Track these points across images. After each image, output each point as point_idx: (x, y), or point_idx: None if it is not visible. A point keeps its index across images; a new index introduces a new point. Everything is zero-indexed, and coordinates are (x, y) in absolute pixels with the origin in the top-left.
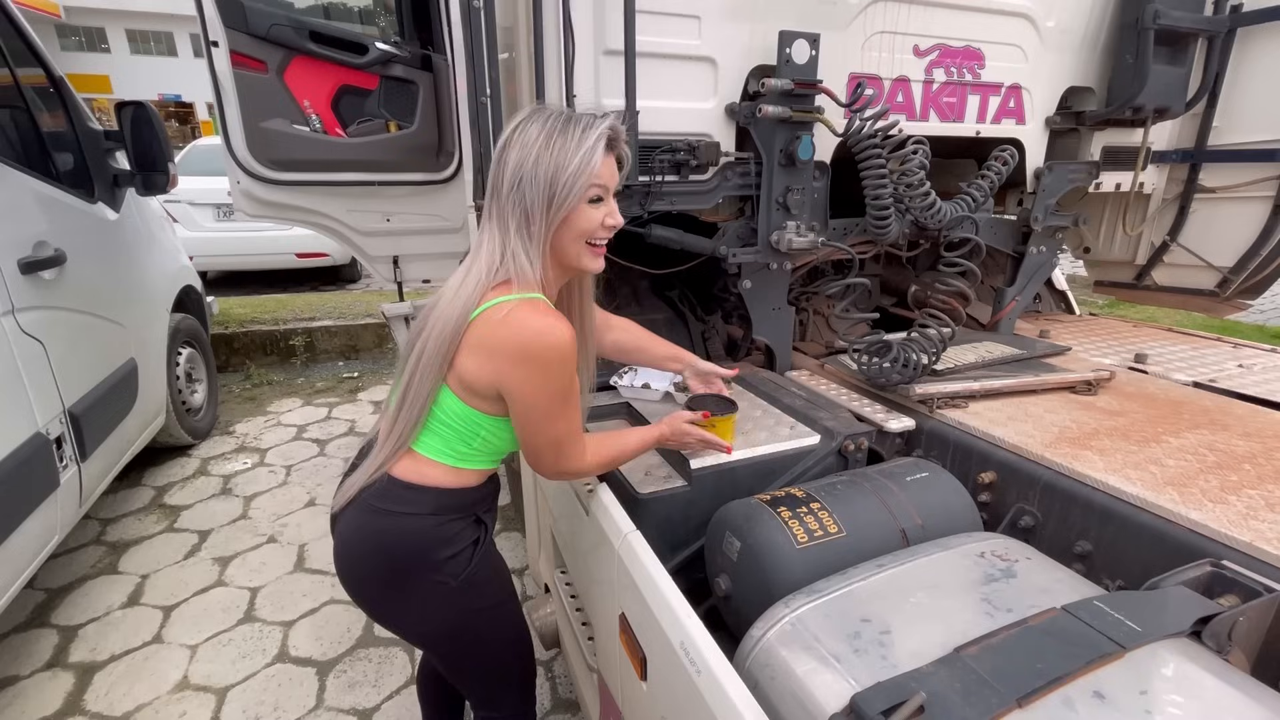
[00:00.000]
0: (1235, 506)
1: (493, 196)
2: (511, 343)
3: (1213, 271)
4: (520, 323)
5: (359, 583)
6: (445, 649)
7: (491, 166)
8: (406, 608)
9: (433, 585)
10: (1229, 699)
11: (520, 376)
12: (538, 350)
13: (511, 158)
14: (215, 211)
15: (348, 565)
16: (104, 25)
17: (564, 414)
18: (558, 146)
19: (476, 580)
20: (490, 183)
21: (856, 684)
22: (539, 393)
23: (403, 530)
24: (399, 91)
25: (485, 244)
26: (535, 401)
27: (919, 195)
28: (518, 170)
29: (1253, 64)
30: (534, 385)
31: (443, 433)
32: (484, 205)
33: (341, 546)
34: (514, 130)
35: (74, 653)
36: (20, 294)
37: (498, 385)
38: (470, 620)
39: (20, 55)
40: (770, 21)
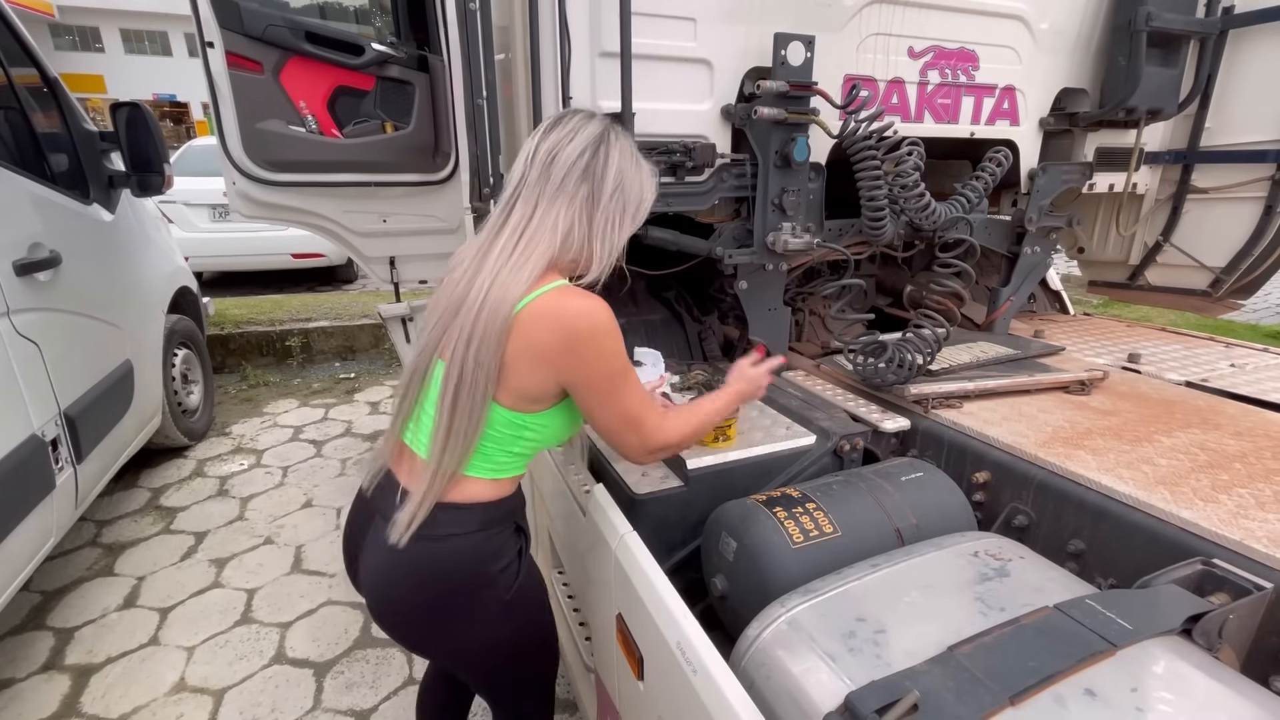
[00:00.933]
0: (1226, 505)
1: (580, 182)
2: (561, 334)
3: (1205, 272)
4: (562, 311)
5: (409, 615)
6: (496, 665)
7: (575, 153)
8: (463, 631)
9: (489, 602)
10: (1219, 696)
11: (579, 364)
12: (587, 332)
13: (614, 157)
14: (210, 212)
15: (393, 602)
16: (98, 25)
17: (628, 388)
18: (641, 169)
19: (526, 589)
20: (569, 168)
21: (851, 683)
22: (600, 374)
23: (454, 551)
24: (395, 92)
25: (555, 222)
26: (600, 384)
27: (914, 196)
28: (621, 172)
29: (1245, 65)
30: (594, 368)
31: (485, 447)
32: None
33: (384, 584)
34: (610, 131)
35: (70, 655)
36: (15, 296)
37: (558, 381)
38: (520, 631)
39: (14, 55)
40: (766, 24)
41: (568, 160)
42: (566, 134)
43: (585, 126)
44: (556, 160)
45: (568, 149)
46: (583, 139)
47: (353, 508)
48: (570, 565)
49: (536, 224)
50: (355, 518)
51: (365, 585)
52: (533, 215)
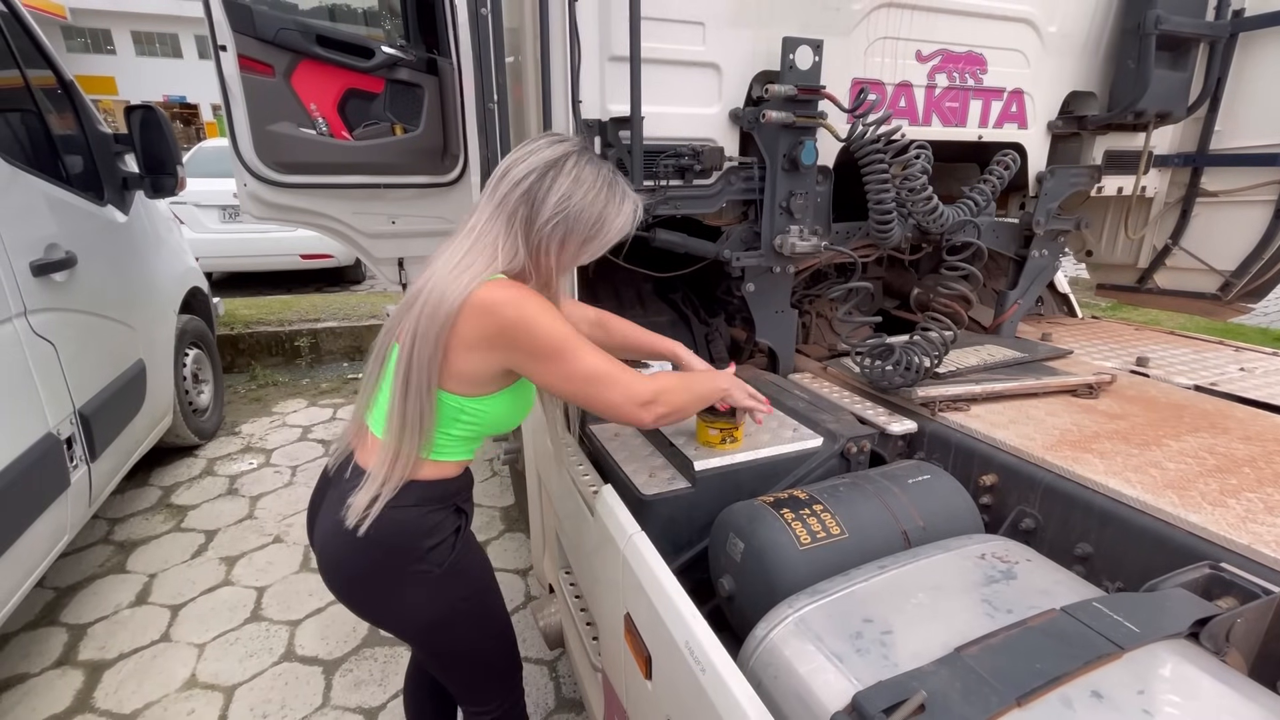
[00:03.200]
0: (1234, 509)
1: (520, 203)
2: (489, 324)
3: (1215, 275)
4: (485, 303)
5: (348, 582)
6: (434, 639)
7: (520, 174)
8: (396, 600)
9: (420, 575)
10: (1226, 699)
11: (515, 346)
12: (508, 319)
13: (563, 184)
14: (221, 213)
15: (334, 567)
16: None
17: (578, 353)
18: (607, 198)
19: (460, 567)
20: (512, 188)
21: (858, 683)
22: (541, 350)
23: (388, 523)
24: (404, 95)
25: (496, 239)
26: (543, 358)
27: (921, 199)
28: (568, 199)
29: (1254, 68)
30: (531, 347)
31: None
32: (489, 198)
33: (325, 550)
34: (569, 159)
35: (83, 651)
36: (32, 296)
37: (503, 365)
38: (457, 607)
39: (31, 58)
40: (774, 28)
41: (512, 180)
42: (524, 154)
43: (544, 150)
44: (505, 178)
45: (517, 169)
46: (533, 161)
47: (317, 483)
48: (578, 565)
49: (478, 237)
50: (317, 491)
51: (317, 549)
52: (478, 227)
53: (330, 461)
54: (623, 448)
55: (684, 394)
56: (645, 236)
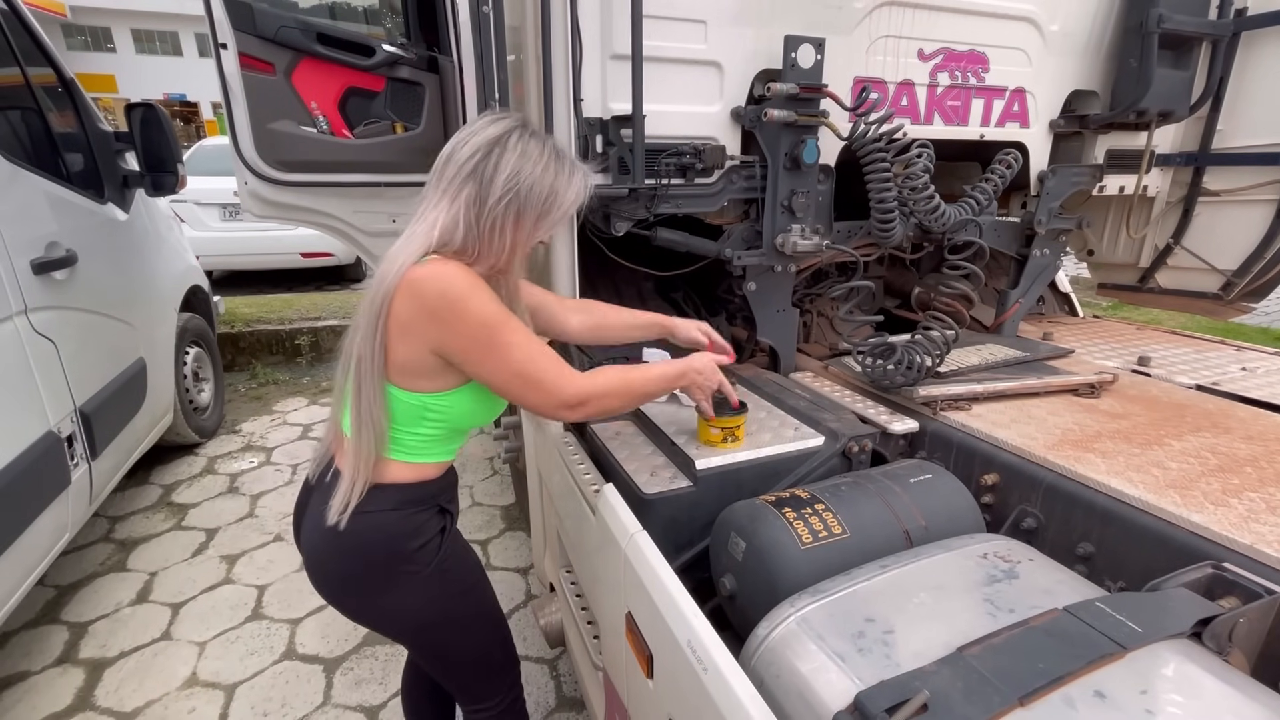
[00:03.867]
0: (1236, 509)
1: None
2: (416, 302)
3: (1216, 274)
4: (413, 280)
5: (337, 587)
6: (427, 639)
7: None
8: (386, 603)
9: (407, 576)
10: (1229, 699)
11: (442, 328)
12: (436, 294)
13: (510, 160)
14: (221, 211)
15: (322, 573)
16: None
17: (511, 340)
18: (556, 171)
19: (447, 566)
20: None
21: (861, 682)
22: (468, 333)
23: (370, 527)
24: (405, 93)
25: (435, 219)
26: (470, 343)
27: (923, 198)
28: (517, 174)
29: (1257, 67)
30: (457, 329)
31: (393, 429)
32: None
33: (312, 556)
34: (511, 134)
35: (84, 649)
36: (33, 294)
37: (434, 349)
38: (447, 606)
39: (32, 56)
40: (776, 26)
41: (457, 161)
42: (467, 134)
43: (487, 129)
44: (450, 160)
45: (461, 151)
46: (476, 141)
47: (300, 491)
48: (579, 564)
49: (418, 220)
50: (300, 499)
51: (304, 556)
52: (425, 216)
53: (311, 469)
54: (624, 446)
55: (618, 399)
56: (647, 235)
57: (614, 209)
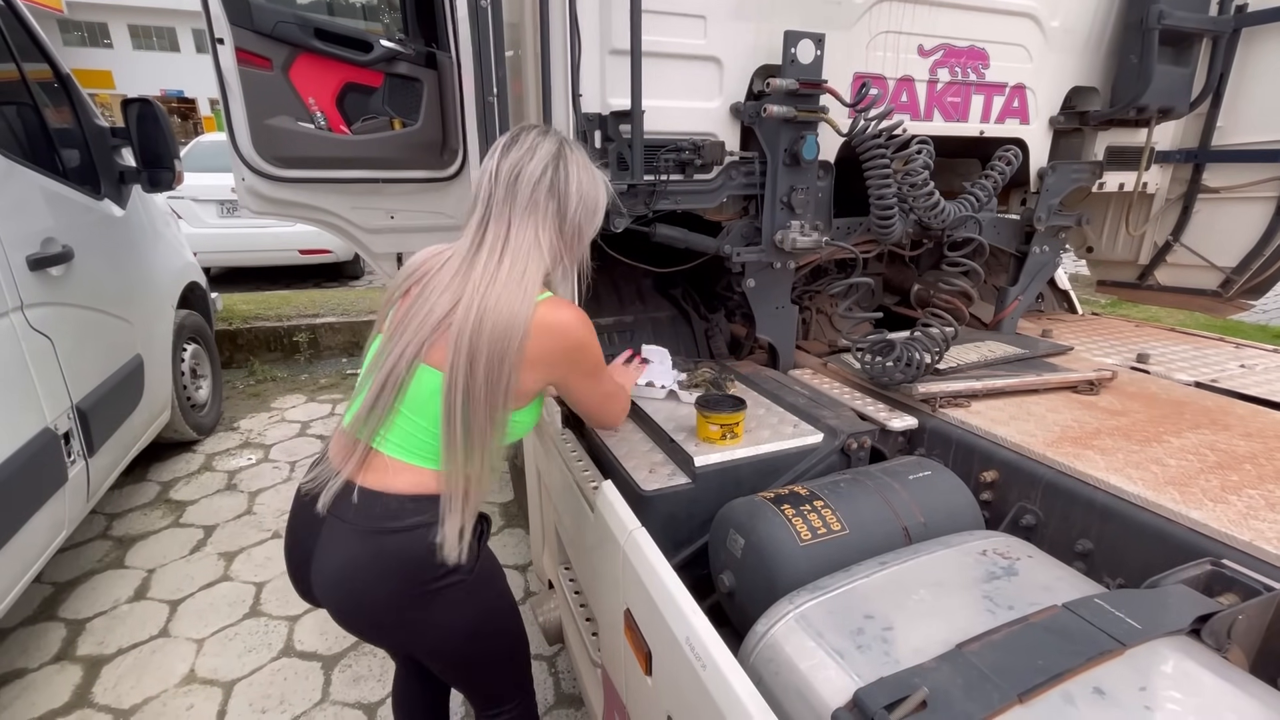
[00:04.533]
0: (1235, 506)
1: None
2: (561, 344)
3: (1216, 272)
4: (558, 324)
5: (377, 609)
6: (472, 647)
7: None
8: (430, 617)
9: (453, 586)
10: (1227, 695)
11: (573, 366)
12: (576, 340)
13: (574, 172)
14: (219, 208)
15: (359, 596)
16: (106, 20)
17: (607, 374)
18: (598, 178)
19: (485, 570)
20: (533, 187)
21: (860, 679)
22: (589, 371)
23: (419, 539)
24: (403, 89)
25: (537, 238)
26: (589, 378)
27: (923, 195)
28: (580, 184)
29: (1257, 64)
30: (584, 368)
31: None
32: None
33: (348, 579)
34: (567, 147)
35: (82, 646)
36: (29, 290)
37: (551, 380)
38: (488, 610)
39: (27, 51)
40: (775, 21)
41: (531, 177)
42: (526, 151)
43: (542, 143)
44: (521, 178)
45: (529, 166)
46: (543, 155)
47: (295, 516)
48: (577, 561)
49: (515, 242)
50: (299, 525)
51: (328, 587)
52: (508, 233)
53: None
54: (622, 443)
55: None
56: (645, 232)
57: (613, 205)
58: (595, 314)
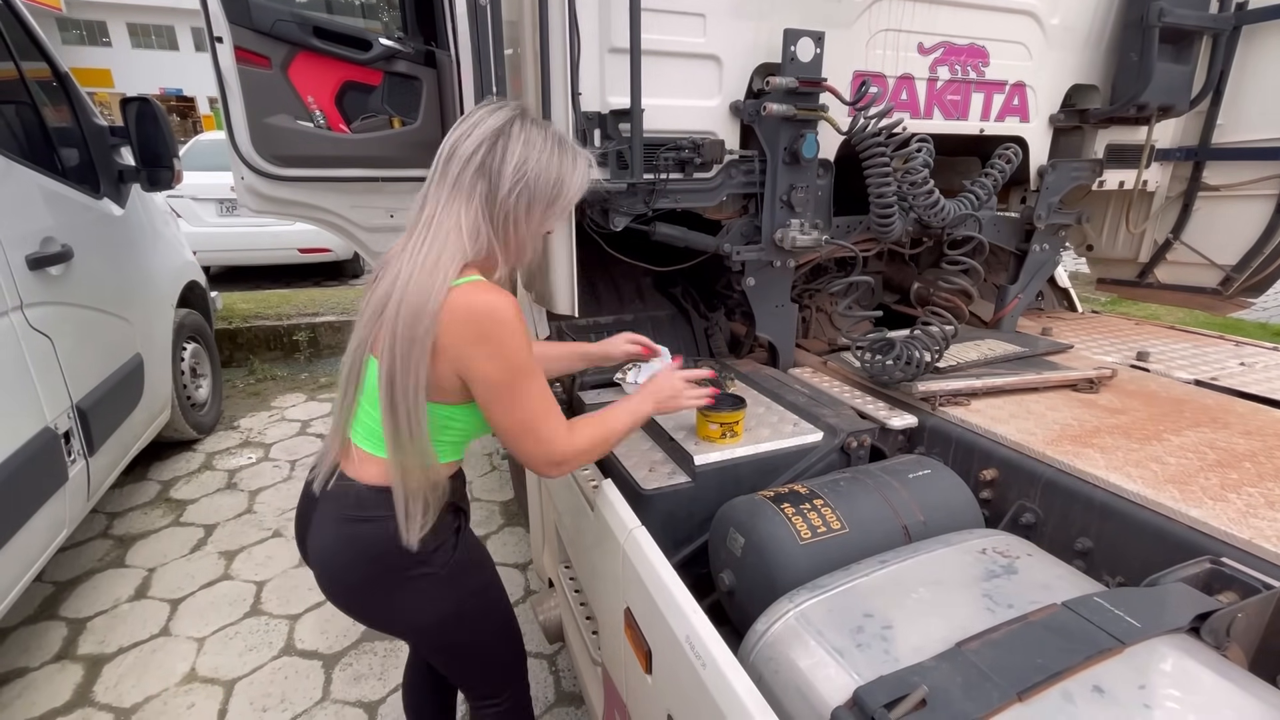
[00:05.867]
0: (1235, 504)
1: (476, 178)
2: (465, 329)
3: (1216, 269)
4: (467, 306)
5: (350, 593)
6: (443, 638)
7: (469, 150)
8: (402, 606)
9: (424, 578)
10: (1226, 693)
11: (480, 357)
12: (490, 327)
13: (516, 149)
14: (218, 207)
15: (334, 580)
16: (105, 19)
17: (529, 390)
18: (560, 158)
19: (463, 566)
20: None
21: (859, 677)
22: (500, 371)
23: (385, 531)
24: (402, 87)
25: (458, 222)
26: (498, 379)
27: (922, 193)
28: (524, 164)
29: (1257, 62)
30: (494, 365)
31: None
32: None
33: (324, 567)
34: (514, 124)
35: (83, 645)
36: (28, 290)
37: (459, 372)
38: (463, 604)
39: (26, 50)
40: (775, 19)
41: (462, 157)
42: (466, 129)
43: (486, 120)
44: (453, 157)
45: (464, 145)
46: (480, 133)
47: (303, 492)
48: (577, 560)
49: (438, 224)
50: (304, 501)
51: (315, 565)
52: (435, 215)
53: (313, 477)
54: (622, 442)
55: (604, 448)
56: (645, 230)
57: (612, 204)
58: (595, 312)
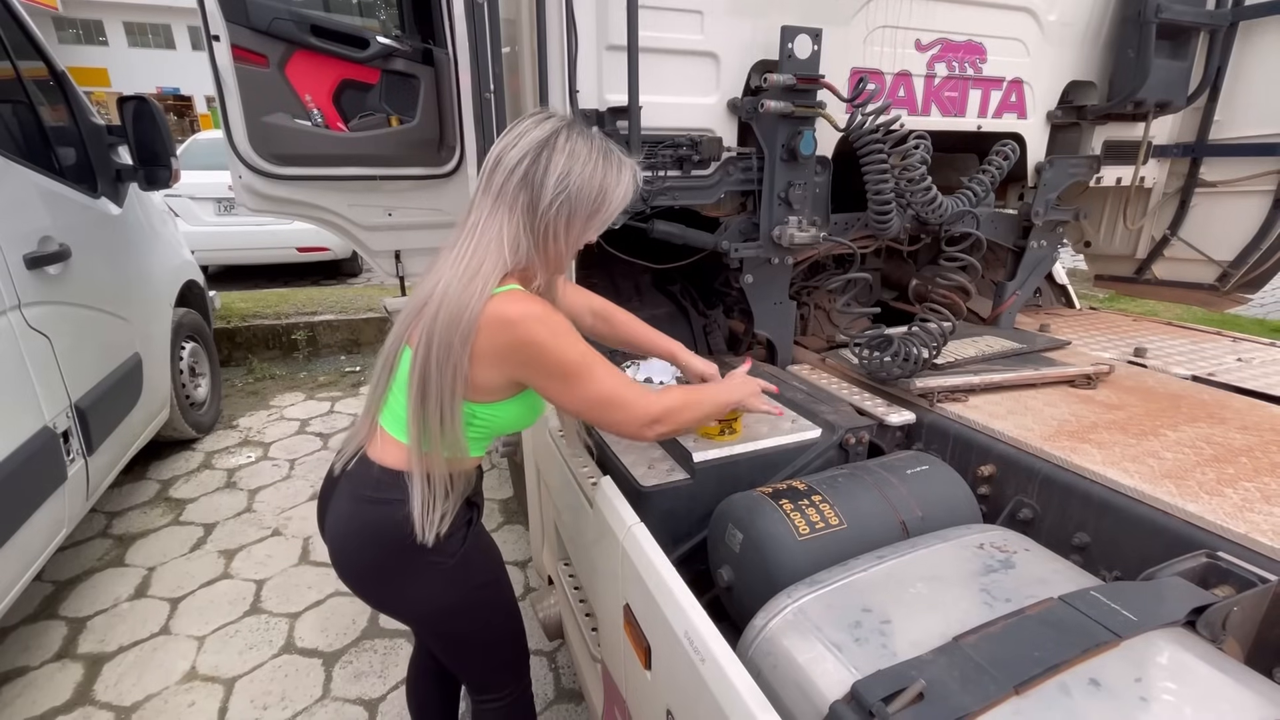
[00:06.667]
0: (1231, 499)
1: (519, 189)
2: (504, 339)
3: (1213, 265)
4: (503, 314)
5: (359, 573)
6: (447, 628)
7: (514, 160)
8: (410, 592)
9: (431, 565)
10: (1222, 687)
11: (528, 363)
12: (523, 337)
13: (559, 162)
14: (216, 206)
15: (345, 557)
16: (101, 18)
17: (592, 373)
18: (605, 170)
19: (471, 557)
20: (507, 176)
21: (858, 672)
22: (553, 369)
23: (398, 517)
24: (400, 86)
25: (500, 233)
26: (555, 377)
27: (920, 190)
28: (566, 176)
29: (1254, 58)
30: (543, 366)
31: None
32: (485, 190)
33: (339, 546)
34: (559, 135)
35: (83, 644)
36: (26, 289)
37: (509, 376)
38: (468, 597)
39: (22, 49)
40: (772, 16)
41: (507, 168)
42: (511, 139)
43: (531, 131)
44: (498, 167)
45: (509, 155)
46: (524, 144)
47: (327, 474)
48: (577, 557)
49: (480, 233)
50: (325, 488)
51: (329, 543)
52: (480, 224)
53: (337, 459)
54: (620, 439)
55: (691, 413)
56: (643, 228)
57: None
58: None
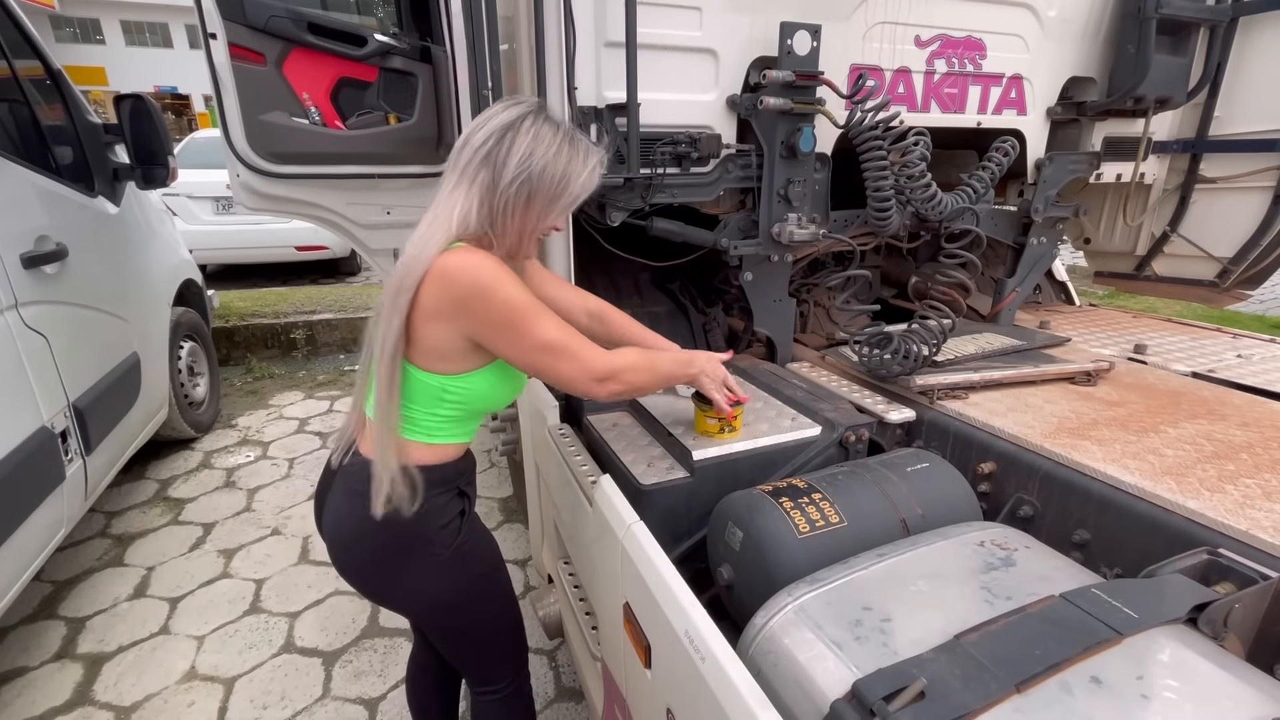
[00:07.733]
0: (1232, 495)
1: (480, 168)
2: (446, 291)
3: (1213, 262)
4: (444, 264)
5: (356, 566)
6: (444, 620)
7: (480, 141)
8: (406, 584)
9: (426, 558)
10: (1224, 683)
11: (478, 318)
12: (469, 286)
13: (522, 144)
14: (214, 204)
15: (342, 552)
16: (99, 17)
17: (537, 321)
18: (569, 154)
19: (467, 549)
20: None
21: (858, 670)
22: (497, 317)
23: (392, 510)
24: (398, 84)
25: (452, 207)
26: (499, 325)
27: (920, 187)
28: (529, 158)
29: (1255, 54)
30: (488, 314)
31: (411, 410)
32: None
33: (335, 538)
34: (525, 119)
35: (82, 644)
36: (23, 289)
37: (464, 333)
38: (465, 588)
39: (18, 48)
40: (771, 13)
41: (473, 146)
42: (481, 121)
43: (501, 114)
44: (465, 147)
45: (476, 137)
46: (492, 125)
47: (322, 474)
48: (576, 555)
49: (439, 207)
50: (322, 482)
51: (326, 537)
52: (440, 200)
53: (333, 453)
54: (620, 437)
55: (644, 375)
56: (642, 225)
57: (609, 199)
58: None
